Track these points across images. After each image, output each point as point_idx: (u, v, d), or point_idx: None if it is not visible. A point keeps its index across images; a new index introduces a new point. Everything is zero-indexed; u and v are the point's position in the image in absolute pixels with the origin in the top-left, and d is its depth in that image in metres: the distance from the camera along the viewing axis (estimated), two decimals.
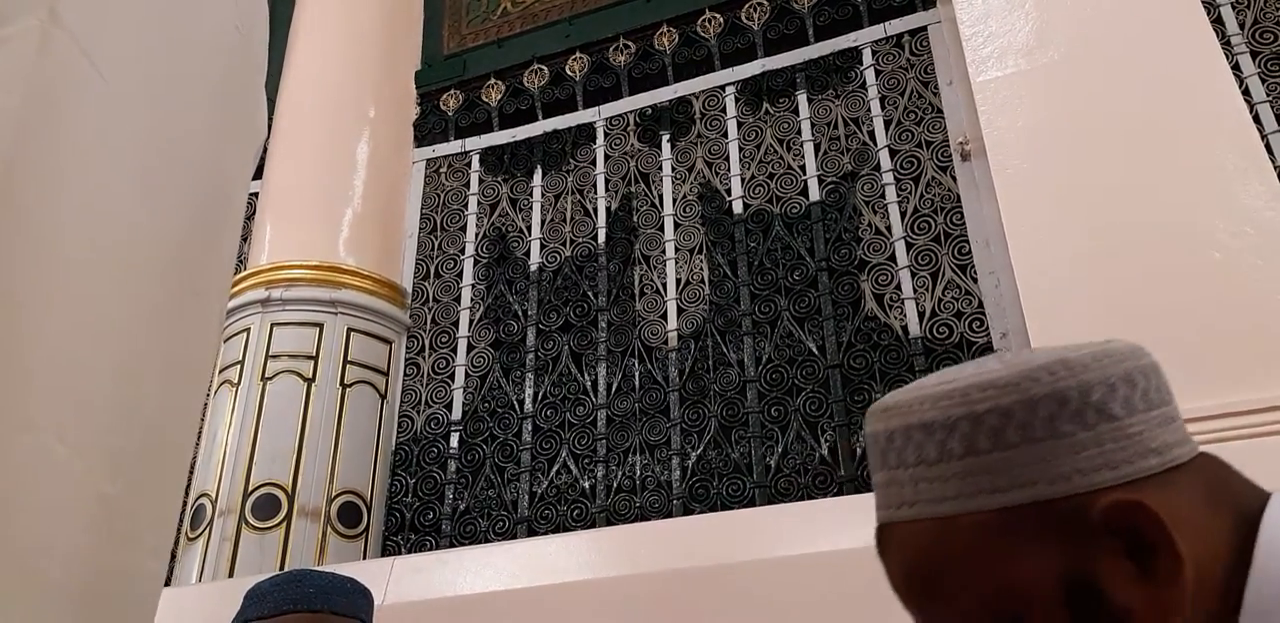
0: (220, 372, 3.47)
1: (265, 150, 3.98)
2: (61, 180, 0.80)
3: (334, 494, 3.19)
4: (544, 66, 3.96)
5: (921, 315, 2.96)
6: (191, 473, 3.44)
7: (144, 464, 0.88)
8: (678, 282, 3.35)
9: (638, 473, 3.09)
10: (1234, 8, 2.92)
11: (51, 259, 0.78)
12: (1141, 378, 0.60)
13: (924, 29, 3.38)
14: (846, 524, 2.11)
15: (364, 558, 3.13)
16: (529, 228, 3.71)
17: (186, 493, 3.41)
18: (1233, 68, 2.61)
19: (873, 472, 0.65)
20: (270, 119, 4.02)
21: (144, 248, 0.88)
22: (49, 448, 0.76)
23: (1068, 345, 0.62)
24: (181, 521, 3.34)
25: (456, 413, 3.44)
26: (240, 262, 3.97)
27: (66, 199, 0.80)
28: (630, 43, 3.85)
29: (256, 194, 3.99)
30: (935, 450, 0.59)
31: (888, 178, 3.20)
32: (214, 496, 3.14)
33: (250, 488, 3.12)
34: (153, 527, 0.90)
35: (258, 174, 3.92)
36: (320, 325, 3.45)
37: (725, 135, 3.53)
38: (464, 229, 3.82)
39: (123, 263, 0.85)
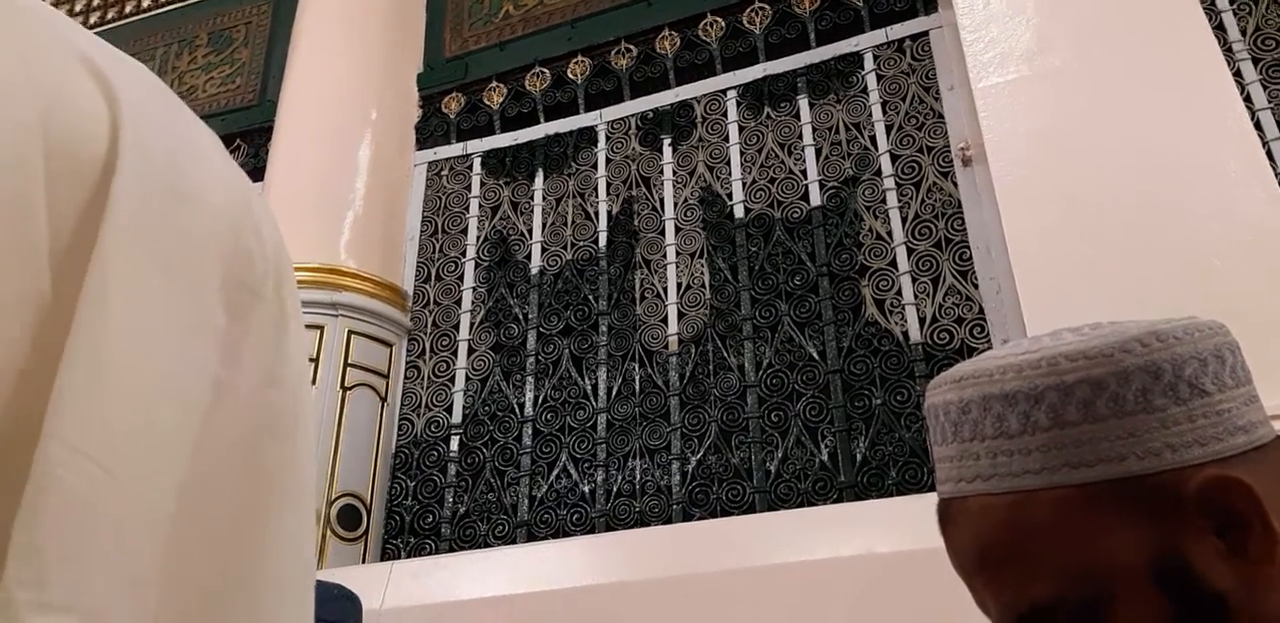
0: None
1: (266, 151, 3.98)
2: None
3: (334, 497, 3.19)
4: (545, 69, 3.96)
5: (922, 321, 2.95)
6: None
7: None
8: (678, 286, 3.35)
9: (637, 478, 3.09)
10: (1235, 14, 2.92)
11: None
12: (1229, 354, 0.59)
13: (925, 34, 3.38)
14: (846, 531, 2.11)
15: (363, 561, 3.13)
16: (530, 231, 3.71)
17: None
18: (1234, 74, 2.61)
19: (938, 444, 0.62)
20: (273, 121, 4.03)
21: None
22: None
23: (1154, 320, 0.60)
24: None
25: (457, 416, 3.44)
26: None
27: None
28: (632, 46, 3.85)
29: None
30: (1018, 422, 0.57)
31: (889, 183, 3.20)
32: None
33: None
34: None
35: (259, 176, 3.92)
36: (320, 328, 3.44)
37: (726, 139, 3.53)
38: (465, 232, 3.82)
39: None
